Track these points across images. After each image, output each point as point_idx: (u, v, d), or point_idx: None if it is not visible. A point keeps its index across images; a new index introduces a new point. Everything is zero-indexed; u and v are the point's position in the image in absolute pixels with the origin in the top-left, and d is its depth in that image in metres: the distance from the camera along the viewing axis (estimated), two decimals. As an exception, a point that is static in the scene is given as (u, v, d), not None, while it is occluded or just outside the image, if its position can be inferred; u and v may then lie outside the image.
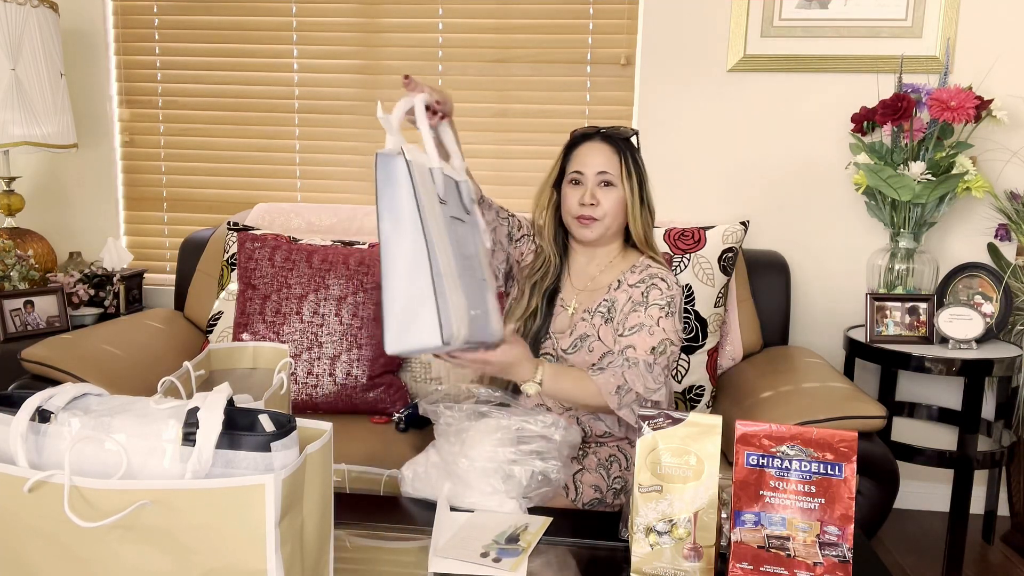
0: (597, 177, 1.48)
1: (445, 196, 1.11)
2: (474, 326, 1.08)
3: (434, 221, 1.03)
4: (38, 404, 0.76)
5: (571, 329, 1.51)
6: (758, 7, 2.31)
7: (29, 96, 2.24)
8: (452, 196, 1.14)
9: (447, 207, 1.10)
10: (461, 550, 1.08)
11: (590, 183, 1.48)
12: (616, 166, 1.48)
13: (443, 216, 1.08)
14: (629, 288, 1.48)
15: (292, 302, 1.93)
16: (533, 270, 1.58)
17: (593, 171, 1.48)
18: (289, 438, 0.74)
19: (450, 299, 1.02)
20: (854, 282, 2.38)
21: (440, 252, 1.02)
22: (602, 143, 1.50)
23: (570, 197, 1.50)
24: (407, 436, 1.81)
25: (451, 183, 1.16)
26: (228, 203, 2.64)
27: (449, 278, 1.03)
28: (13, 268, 2.18)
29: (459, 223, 1.13)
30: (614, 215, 1.48)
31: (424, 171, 1.07)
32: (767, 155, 2.38)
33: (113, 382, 1.77)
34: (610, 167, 1.48)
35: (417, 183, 1.02)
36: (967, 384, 2.01)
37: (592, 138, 1.52)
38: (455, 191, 1.17)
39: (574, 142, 1.54)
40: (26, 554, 0.74)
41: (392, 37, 2.50)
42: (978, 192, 2.09)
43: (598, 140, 1.51)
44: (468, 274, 1.10)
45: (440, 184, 1.10)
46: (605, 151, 1.49)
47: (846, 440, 0.95)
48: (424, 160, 1.09)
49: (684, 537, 1.00)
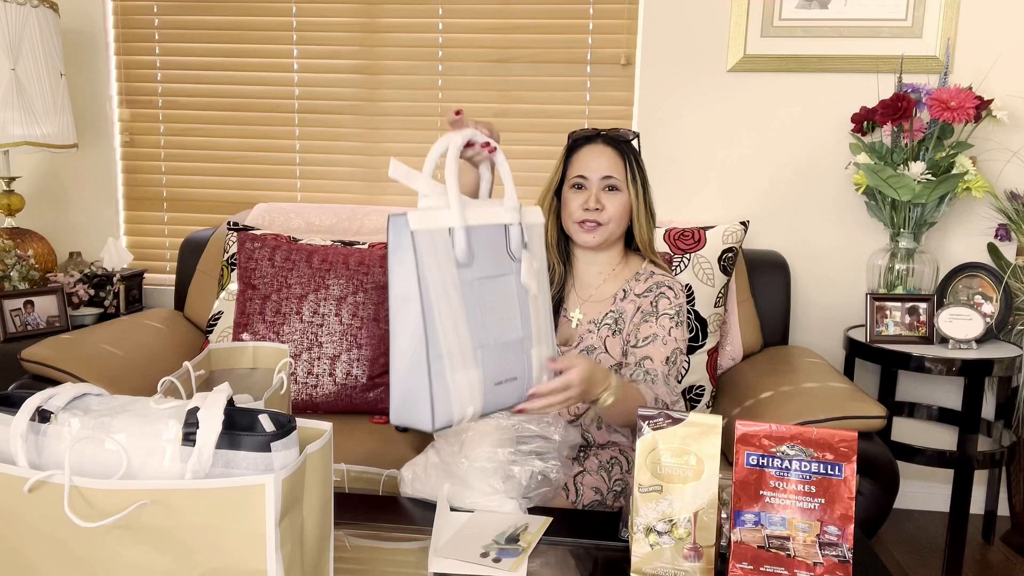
0: (602, 182, 1.45)
1: (472, 255, 0.99)
2: (501, 395, 1.03)
3: (443, 296, 0.95)
4: (38, 404, 0.76)
5: (577, 341, 1.50)
6: (758, 7, 2.31)
7: (29, 96, 2.24)
8: (488, 249, 1.02)
9: (474, 268, 1.00)
10: (461, 550, 1.08)
11: (594, 187, 1.45)
12: (621, 170, 1.46)
13: (462, 283, 0.98)
14: (636, 298, 1.48)
15: (292, 302, 1.93)
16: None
17: (598, 175, 1.45)
18: (289, 438, 0.74)
19: (453, 381, 0.96)
20: (854, 282, 2.39)
21: (447, 330, 0.96)
22: (605, 146, 1.47)
23: (572, 202, 1.47)
24: (407, 436, 1.81)
25: (491, 232, 1.03)
26: (228, 203, 2.64)
27: (457, 356, 0.97)
28: (13, 268, 2.18)
29: (494, 280, 1.02)
30: (619, 220, 1.46)
31: (439, 236, 0.96)
32: (767, 155, 2.38)
33: (113, 382, 1.77)
34: (615, 171, 1.45)
35: (423, 255, 0.94)
36: (967, 384, 2.01)
37: (594, 141, 1.49)
38: (499, 239, 1.04)
39: (574, 145, 1.51)
40: (26, 554, 0.74)
41: (392, 37, 2.50)
42: (978, 192, 2.09)
43: (600, 143, 1.48)
44: (497, 339, 1.02)
45: (462, 245, 0.98)
46: (609, 154, 1.46)
47: (846, 440, 0.95)
48: (442, 221, 0.98)
49: (684, 537, 1.00)
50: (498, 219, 1.04)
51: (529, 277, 1.06)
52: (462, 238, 0.98)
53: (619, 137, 1.48)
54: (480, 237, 1.01)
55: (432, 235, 0.96)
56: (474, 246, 1.00)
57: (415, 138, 2.54)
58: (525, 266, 1.05)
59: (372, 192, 2.58)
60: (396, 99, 2.53)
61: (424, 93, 2.51)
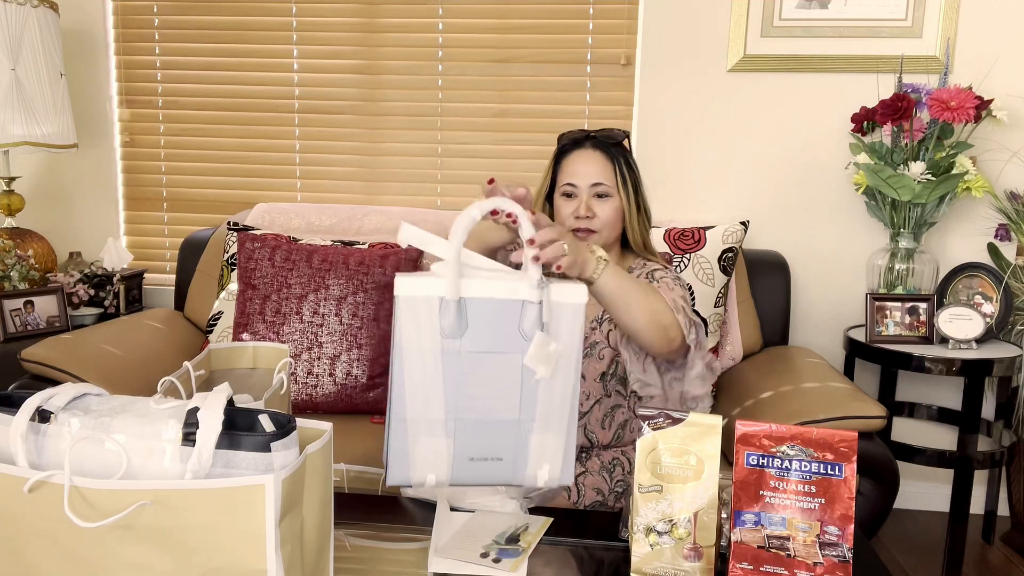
0: (592, 189, 1.42)
1: (463, 328, 0.96)
2: (478, 472, 1.00)
3: (416, 363, 0.96)
4: (38, 404, 0.76)
5: None
6: (758, 7, 2.31)
7: (29, 96, 2.24)
8: (491, 323, 0.98)
9: (466, 340, 0.97)
10: (461, 550, 1.08)
11: (584, 195, 1.42)
12: (611, 175, 1.43)
13: (444, 354, 0.96)
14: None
15: (292, 302, 1.93)
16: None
17: (587, 183, 1.42)
18: (289, 438, 0.74)
19: (414, 445, 0.97)
20: (854, 282, 2.39)
21: (415, 396, 0.96)
22: (593, 151, 1.44)
23: (564, 210, 1.44)
24: (407, 436, 1.80)
25: (500, 306, 0.98)
26: (228, 203, 2.64)
27: (422, 423, 0.97)
28: (13, 268, 2.18)
29: (493, 356, 0.98)
30: (611, 226, 1.44)
31: (426, 304, 0.95)
32: (767, 155, 2.38)
33: (113, 382, 1.77)
34: (604, 177, 1.42)
35: (402, 321, 0.94)
36: (967, 384, 2.01)
37: (582, 145, 1.46)
38: (510, 315, 0.98)
39: (563, 150, 1.48)
40: (26, 554, 0.74)
41: (392, 37, 2.50)
42: (978, 192, 2.09)
43: (589, 147, 1.45)
44: (483, 416, 0.99)
45: (451, 318, 0.96)
46: (598, 160, 1.43)
47: (846, 440, 0.95)
48: (434, 288, 0.95)
49: (684, 537, 1.00)
50: (512, 295, 0.97)
51: (537, 360, 0.98)
52: (452, 310, 0.95)
53: (608, 140, 1.45)
54: (484, 310, 0.97)
55: (418, 302, 0.95)
56: (472, 318, 0.96)
57: (415, 138, 2.54)
58: (534, 347, 0.97)
59: (372, 192, 2.58)
60: (396, 99, 2.53)
61: (424, 93, 2.51)
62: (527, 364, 0.98)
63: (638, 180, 1.46)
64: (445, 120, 2.52)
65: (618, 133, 1.46)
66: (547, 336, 0.98)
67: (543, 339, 0.98)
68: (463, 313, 0.96)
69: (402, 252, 1.99)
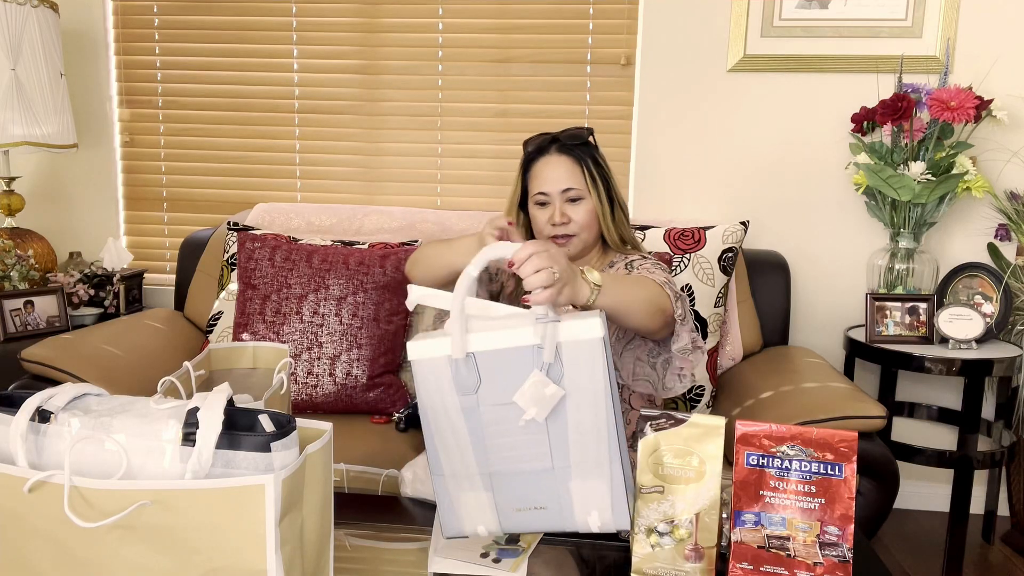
0: (563, 195, 1.43)
1: (476, 383, 0.95)
2: (527, 521, 0.99)
3: (444, 421, 0.97)
4: (38, 404, 0.76)
5: None
6: (758, 7, 2.31)
7: (29, 96, 2.24)
8: (506, 373, 0.95)
9: (482, 394, 0.95)
10: (461, 550, 1.08)
11: (557, 201, 1.43)
12: (579, 178, 1.43)
13: (464, 410, 0.96)
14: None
15: (292, 302, 1.93)
16: (515, 296, 1.56)
17: (558, 189, 1.42)
18: (289, 438, 0.74)
19: (459, 499, 0.99)
20: (854, 282, 2.39)
21: (449, 452, 0.98)
22: (560, 155, 1.44)
23: (540, 218, 1.45)
24: (407, 436, 1.81)
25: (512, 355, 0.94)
26: (228, 203, 2.64)
27: (463, 479, 0.99)
28: (13, 268, 2.18)
29: (514, 406, 0.95)
30: (588, 227, 1.44)
31: (437, 365, 0.95)
32: (767, 155, 2.38)
33: (113, 382, 1.77)
34: (574, 181, 1.42)
35: (421, 383, 0.96)
36: (967, 384, 2.01)
37: (548, 151, 1.45)
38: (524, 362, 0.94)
39: (530, 157, 1.48)
40: (26, 554, 0.74)
41: (392, 37, 2.50)
42: (978, 192, 2.09)
43: (555, 152, 1.45)
44: (514, 467, 0.97)
45: (462, 375, 0.95)
46: (565, 164, 1.43)
47: (846, 440, 0.95)
48: (442, 349, 0.95)
49: (685, 538, 1.00)
50: (519, 341, 0.94)
51: (529, 400, 0.93)
52: (461, 368, 0.95)
53: (573, 141, 1.45)
54: (493, 362, 0.95)
55: (429, 364, 0.95)
56: (484, 372, 0.95)
57: (415, 138, 2.54)
58: (527, 386, 0.93)
59: (372, 192, 2.58)
60: (396, 99, 2.53)
61: (424, 93, 2.51)
62: (516, 402, 0.94)
63: (608, 176, 1.47)
64: (445, 120, 2.52)
65: (583, 131, 1.46)
66: (544, 377, 0.93)
67: (539, 379, 0.93)
68: (473, 369, 0.95)
69: (402, 252, 1.99)
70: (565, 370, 0.93)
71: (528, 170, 1.48)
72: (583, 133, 1.45)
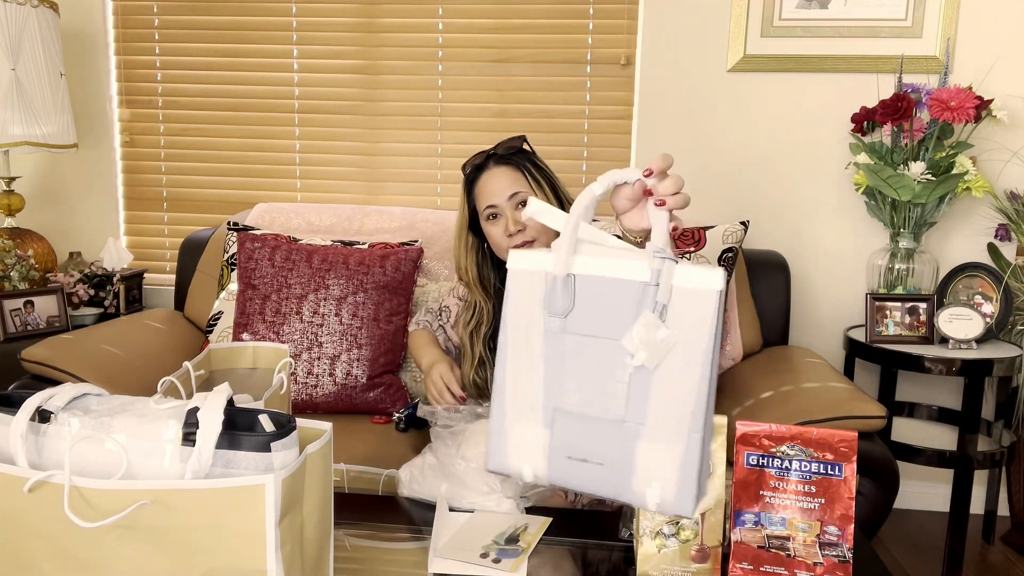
0: (511, 201, 1.45)
1: (569, 306, 0.88)
2: (576, 473, 0.89)
3: (521, 340, 0.90)
4: (38, 404, 0.76)
5: None
6: (758, 7, 2.31)
7: (29, 96, 2.24)
8: (604, 305, 0.87)
9: (570, 320, 0.88)
10: (461, 550, 1.08)
11: (508, 210, 1.46)
12: (523, 182, 1.46)
13: (547, 332, 0.89)
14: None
15: (292, 302, 1.93)
16: (466, 320, 1.58)
17: (505, 197, 1.45)
18: (289, 438, 0.74)
19: (513, 429, 0.91)
20: (854, 282, 2.39)
21: (517, 375, 0.90)
22: (498, 167, 1.48)
23: (495, 233, 1.48)
24: (407, 436, 1.81)
25: (616, 287, 0.86)
26: (228, 203, 2.64)
27: (524, 406, 0.90)
28: (13, 268, 2.18)
29: (600, 342, 0.87)
30: (543, 229, 1.46)
31: (533, 278, 0.89)
32: (767, 155, 2.38)
33: (113, 382, 1.77)
34: (518, 186, 1.46)
35: (511, 295, 0.90)
36: (967, 384, 2.01)
37: (487, 167, 1.49)
38: (626, 297, 0.86)
39: (471, 178, 1.51)
40: (26, 554, 0.74)
41: (392, 37, 2.50)
42: (978, 192, 2.09)
43: (493, 166, 1.48)
44: (582, 410, 0.88)
45: (556, 294, 0.88)
46: (506, 173, 1.47)
47: (846, 440, 0.95)
48: (544, 263, 0.89)
49: (691, 539, 1.00)
50: (628, 274, 0.85)
51: (638, 344, 0.84)
52: (558, 285, 0.87)
53: (509, 151, 1.48)
54: (593, 288, 0.87)
55: (525, 276, 0.90)
56: (580, 297, 0.87)
57: (415, 138, 2.54)
58: (638, 327, 0.83)
59: (372, 192, 2.58)
60: (396, 99, 2.53)
61: (424, 93, 2.51)
62: (624, 345, 0.84)
63: (550, 175, 1.51)
64: (445, 120, 2.52)
65: (516, 140, 1.50)
66: (657, 319, 0.84)
67: (651, 321, 0.84)
68: (570, 291, 0.88)
69: (402, 252, 1.99)
70: (669, 317, 0.84)
71: (472, 190, 1.51)
72: (516, 142, 1.49)
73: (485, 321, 1.55)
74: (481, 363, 1.54)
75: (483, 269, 1.58)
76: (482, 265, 1.58)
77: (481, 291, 1.57)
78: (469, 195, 1.52)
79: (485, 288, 1.57)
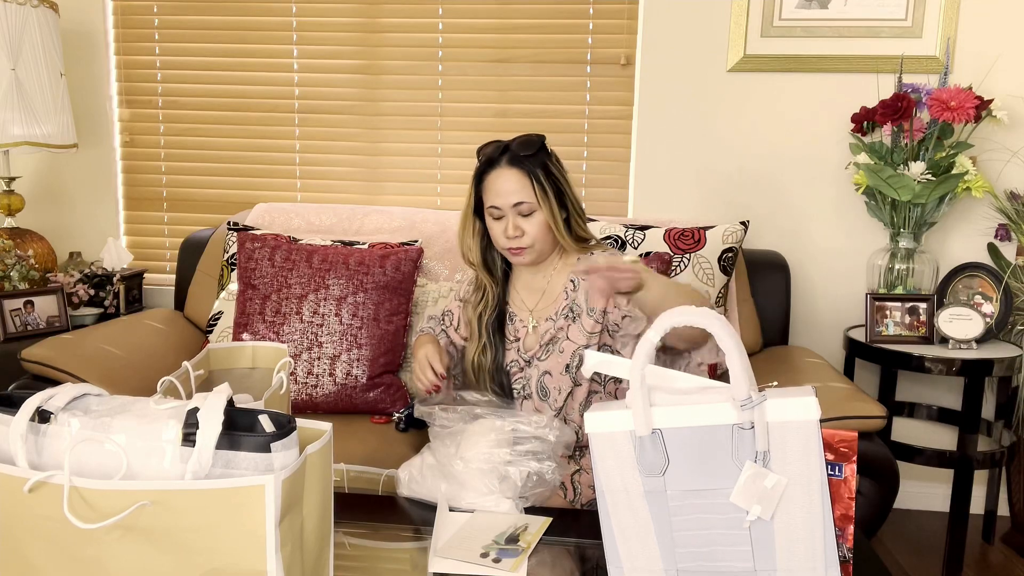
0: (514, 209, 1.45)
1: (664, 464, 0.85)
2: None
3: (624, 505, 0.86)
4: (38, 404, 0.76)
5: (541, 341, 1.52)
6: (758, 7, 2.31)
7: (29, 96, 2.24)
8: (699, 456, 0.84)
9: (669, 478, 0.84)
10: (461, 550, 1.08)
11: (509, 215, 1.46)
12: (529, 191, 1.45)
13: (648, 494, 0.85)
14: (583, 280, 1.49)
15: (292, 302, 1.93)
16: (475, 303, 1.58)
17: (508, 203, 1.45)
18: (289, 438, 0.74)
19: None
20: (854, 282, 2.38)
21: (629, 542, 0.87)
22: (510, 168, 1.46)
23: (495, 229, 1.49)
24: (407, 436, 1.81)
25: (707, 434, 0.83)
26: (228, 203, 2.64)
27: (644, 572, 0.88)
28: (13, 268, 2.18)
29: (706, 494, 0.83)
30: (542, 238, 1.47)
31: (618, 440, 0.86)
32: (767, 155, 2.38)
33: (113, 382, 1.77)
34: (523, 195, 1.45)
35: (599, 459, 0.86)
36: (967, 384, 2.01)
37: (499, 163, 1.47)
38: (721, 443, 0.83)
39: (482, 170, 1.51)
40: (26, 554, 0.74)
41: (392, 37, 2.50)
42: (978, 192, 2.09)
43: (505, 165, 1.47)
44: (705, 566, 0.85)
45: (648, 455, 0.85)
46: (515, 178, 1.45)
47: (846, 440, 0.95)
48: (624, 422, 0.85)
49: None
50: (715, 419, 0.83)
51: (748, 497, 0.80)
52: (647, 445, 0.84)
53: (523, 151, 1.46)
54: (684, 441, 0.84)
55: (609, 439, 0.86)
56: (673, 452, 0.84)
57: (415, 138, 2.54)
58: (744, 481, 0.80)
59: (372, 192, 2.58)
60: (396, 99, 2.53)
61: (424, 93, 2.51)
62: (734, 502, 0.81)
63: (559, 183, 1.48)
64: (445, 120, 2.52)
65: (534, 140, 1.47)
66: (761, 468, 0.81)
67: (755, 471, 0.81)
68: (660, 447, 0.84)
69: (402, 252, 1.99)
70: (772, 455, 0.81)
71: (481, 181, 1.51)
72: (534, 141, 1.47)
73: (490, 304, 1.57)
74: (484, 349, 1.56)
75: (488, 253, 1.58)
76: (487, 249, 1.58)
77: (487, 274, 1.58)
78: (478, 184, 1.52)
79: (490, 271, 1.58)
